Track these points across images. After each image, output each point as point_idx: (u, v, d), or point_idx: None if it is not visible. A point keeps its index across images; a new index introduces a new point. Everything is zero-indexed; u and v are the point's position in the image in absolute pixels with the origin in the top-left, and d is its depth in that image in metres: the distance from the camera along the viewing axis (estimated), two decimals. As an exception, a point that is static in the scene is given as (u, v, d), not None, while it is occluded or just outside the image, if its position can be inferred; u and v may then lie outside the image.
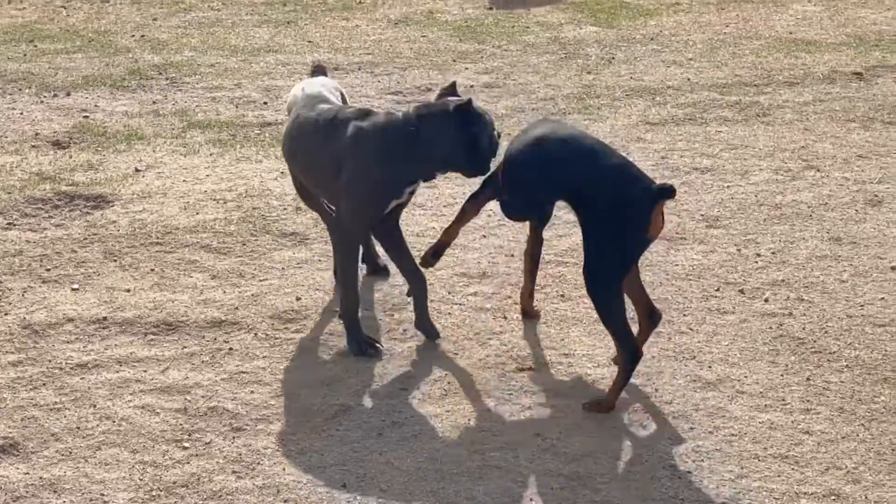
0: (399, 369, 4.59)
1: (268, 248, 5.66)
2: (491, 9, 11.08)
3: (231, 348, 4.74)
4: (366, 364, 4.62)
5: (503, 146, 4.77)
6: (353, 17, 10.70)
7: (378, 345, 4.68)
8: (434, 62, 9.16)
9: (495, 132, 4.71)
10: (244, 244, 5.70)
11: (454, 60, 9.23)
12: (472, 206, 4.77)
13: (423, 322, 4.80)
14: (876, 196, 6.34)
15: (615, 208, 4.24)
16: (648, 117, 7.69)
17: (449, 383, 4.49)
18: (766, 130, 7.49)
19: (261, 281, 5.31)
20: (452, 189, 6.46)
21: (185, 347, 4.74)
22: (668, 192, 4.27)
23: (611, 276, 4.27)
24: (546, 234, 5.72)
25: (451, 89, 4.78)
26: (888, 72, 8.82)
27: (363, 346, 4.65)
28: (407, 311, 5.03)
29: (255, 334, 4.84)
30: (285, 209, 6.12)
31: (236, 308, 5.05)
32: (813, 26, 10.37)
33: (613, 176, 4.30)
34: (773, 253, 5.67)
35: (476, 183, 4.87)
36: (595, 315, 5.01)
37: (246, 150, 7.08)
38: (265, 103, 8.05)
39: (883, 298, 5.17)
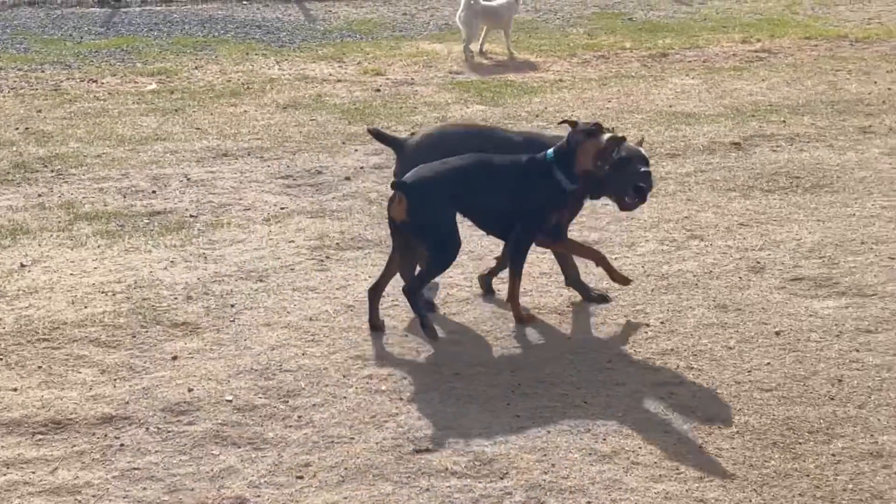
0: (295, 457, 4.54)
1: (158, 340, 5.58)
2: (378, 90, 11.21)
3: (122, 444, 4.64)
4: (261, 454, 4.56)
5: None
6: (242, 102, 10.72)
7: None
8: (323, 145, 9.22)
9: None
10: (134, 336, 5.61)
11: (343, 143, 9.30)
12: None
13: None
14: (758, 263, 6.53)
15: None
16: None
17: (346, 469, 4.45)
18: (650, 202, 7.65)
19: (151, 373, 5.22)
20: (345, 272, 6.47)
21: (74, 446, 4.63)
22: (397, 185, 5.53)
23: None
24: (439, 313, 5.77)
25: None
26: (765, 141, 9.13)
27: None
28: (301, 397, 4.99)
29: (147, 429, 4.75)
30: (175, 299, 6.06)
31: (127, 402, 4.96)
32: (692, 99, 10.71)
33: None
34: (661, 322, 5.79)
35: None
36: (491, 392, 5.07)
37: (135, 240, 7.00)
38: (153, 192, 7.98)
39: (769, 363, 5.30)
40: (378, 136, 6.26)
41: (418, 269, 5.77)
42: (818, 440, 4.61)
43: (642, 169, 5.71)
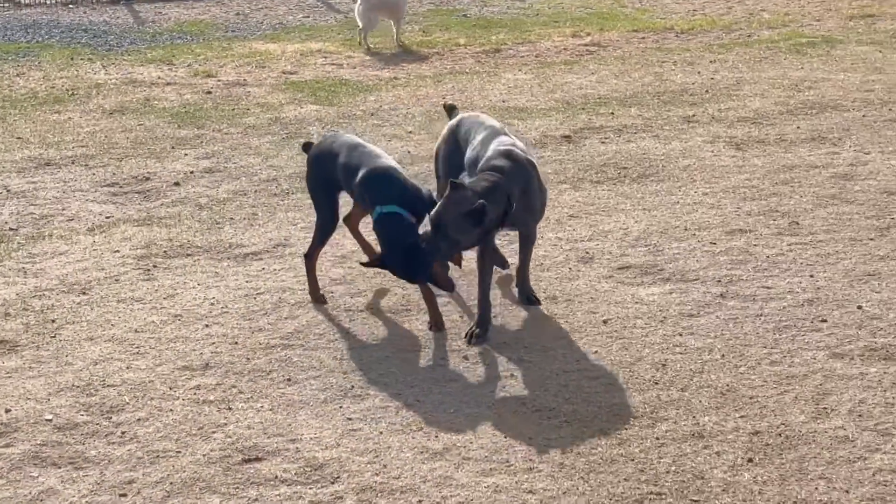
0: (118, 475, 4.40)
1: (-26, 360, 5.35)
2: (209, 93, 11.01)
3: (-65, 472, 4.43)
4: (83, 473, 4.41)
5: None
6: (66, 109, 10.39)
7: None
8: (152, 150, 9.00)
9: None
10: (-52, 358, 5.37)
11: (173, 147, 9.09)
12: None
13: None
14: (587, 253, 6.64)
15: None
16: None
17: (171, 483, 4.34)
18: (482, 197, 7.72)
19: (-34, 396, 5.00)
20: (172, 280, 6.32)
21: None
22: None
23: None
24: (266, 319, 5.70)
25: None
26: (594, 133, 9.31)
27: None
28: (125, 412, 4.85)
29: (-38, 454, 4.54)
30: (-7, 316, 5.82)
31: (-60, 428, 4.73)
32: (524, 93, 10.84)
33: None
34: (493, 316, 5.82)
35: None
36: (323, 396, 5.02)
37: (-51, 256, 6.70)
38: (-29, 205, 7.66)
39: (596, 352, 5.39)
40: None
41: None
42: (643, 424, 4.70)
43: None
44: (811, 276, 6.13)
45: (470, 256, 5.93)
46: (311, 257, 6.06)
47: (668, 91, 10.71)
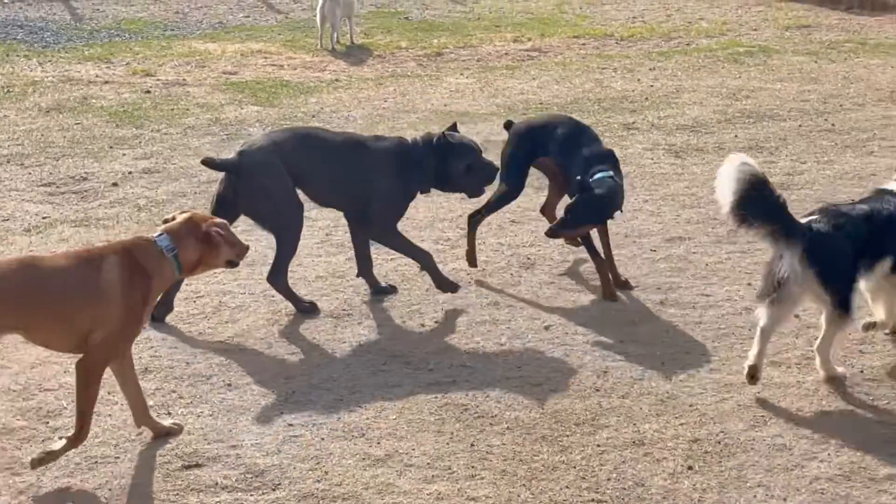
0: (56, 481, 4.33)
1: None
2: (148, 92, 10.89)
3: None
4: (19, 479, 4.33)
5: None
6: (1, 106, 10.21)
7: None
8: (89, 150, 8.88)
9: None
10: None
11: (111, 147, 8.98)
12: None
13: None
14: (528, 259, 6.67)
15: None
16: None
17: (110, 490, 4.28)
18: (424, 201, 7.71)
19: None
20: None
21: None
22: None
23: None
24: (207, 323, 5.66)
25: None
26: (535, 138, 9.34)
27: (452, 284, 6.06)
28: (63, 417, 4.78)
29: None
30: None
31: None
32: (466, 98, 10.87)
33: None
34: (436, 322, 5.83)
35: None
36: (264, 402, 4.98)
37: None
38: None
39: (538, 358, 5.41)
40: (212, 164, 6.01)
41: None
42: (584, 431, 4.73)
43: None
44: (749, 284, 6.21)
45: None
46: (476, 221, 6.49)
47: (609, 98, 10.80)
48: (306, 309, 5.89)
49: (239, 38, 13.85)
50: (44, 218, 7.30)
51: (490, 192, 6.47)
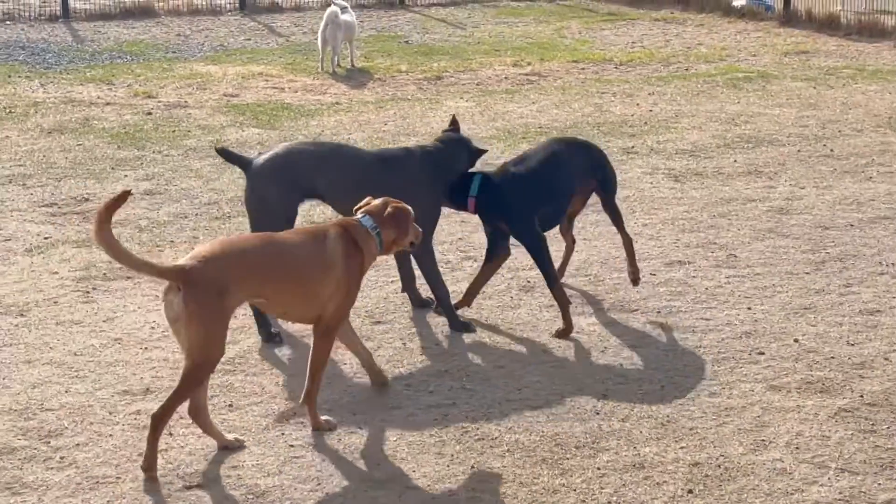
0: (57, 501, 4.33)
1: None
2: (150, 114, 10.93)
3: None
4: (20, 499, 4.33)
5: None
6: (3, 127, 10.25)
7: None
8: (91, 171, 8.91)
9: None
10: None
11: (112, 168, 9.02)
12: None
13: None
14: (528, 282, 6.69)
15: None
16: (313, 216, 7.79)
17: (112, 510, 4.29)
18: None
19: None
20: (112, 303, 6.26)
21: None
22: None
23: None
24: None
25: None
26: (535, 162, 9.38)
27: (467, 325, 5.99)
28: (64, 437, 4.78)
29: None
30: (-73, 338, 5.71)
31: None
32: (465, 121, 10.90)
33: None
34: (436, 344, 5.85)
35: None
36: (265, 423, 4.99)
37: None
38: None
39: (538, 381, 5.42)
40: (226, 155, 5.97)
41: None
42: (584, 454, 4.74)
43: None
44: (749, 308, 6.23)
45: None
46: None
47: (608, 122, 10.85)
48: (267, 336, 5.84)
49: (240, 61, 13.92)
50: (45, 238, 7.32)
51: None
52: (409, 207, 5.09)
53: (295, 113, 11.18)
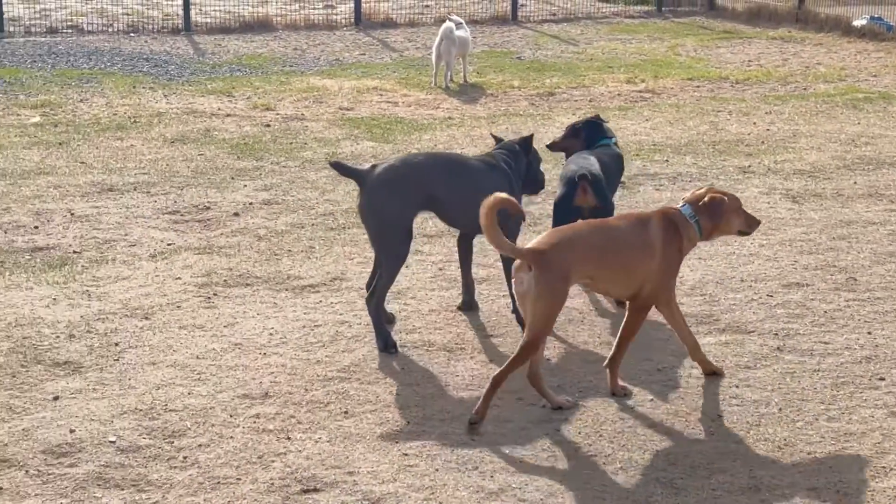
0: (180, 499, 4.46)
1: (39, 380, 5.45)
2: (268, 125, 11.17)
3: (1, 487, 4.51)
4: (145, 496, 4.47)
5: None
6: (128, 136, 10.57)
7: None
8: (212, 180, 9.14)
9: None
10: (14, 376, 5.47)
11: (232, 178, 9.23)
12: None
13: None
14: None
15: None
16: (426, 229, 7.86)
17: (232, 511, 4.40)
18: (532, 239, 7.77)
19: (32, 414, 5.10)
20: (232, 309, 6.41)
21: (-52, 490, 4.48)
22: (581, 176, 6.34)
23: None
24: (324, 351, 5.75)
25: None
26: (648, 179, 9.35)
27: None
28: (187, 437, 4.92)
29: (27, 471, 4.63)
30: (58, 337, 5.93)
31: (6, 444, 4.82)
32: (578, 138, 10.89)
33: None
34: (548, 360, 5.85)
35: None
36: (380, 430, 5.06)
37: (15, 276, 6.84)
38: (36, 227, 7.82)
39: (652, 400, 5.40)
40: (340, 168, 6.09)
41: None
42: (699, 475, 4.70)
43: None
44: (869, 332, 6.11)
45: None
46: None
47: (724, 140, 10.74)
48: (383, 346, 5.90)
49: (355, 75, 14.12)
50: (168, 245, 7.53)
51: None
52: (727, 197, 5.47)
53: (408, 127, 11.30)
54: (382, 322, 5.96)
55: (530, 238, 6.76)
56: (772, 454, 4.86)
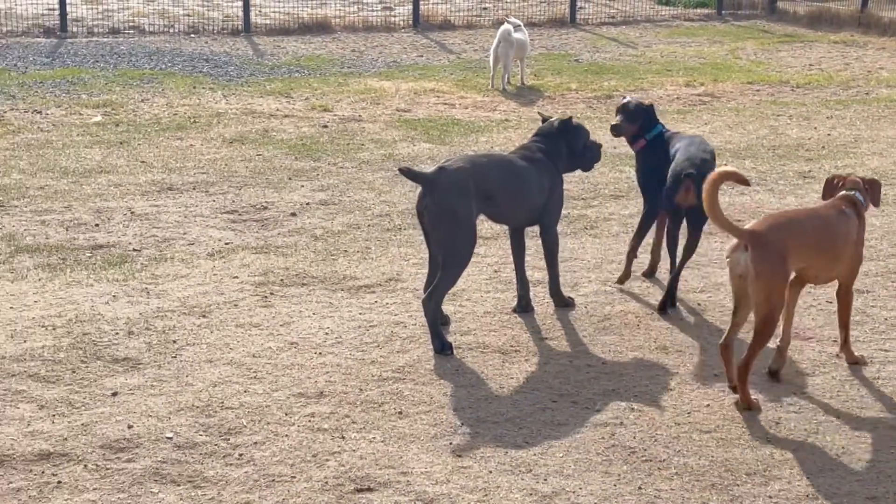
0: (235, 496, 4.50)
1: (98, 375, 5.53)
2: (326, 126, 11.24)
3: (60, 482, 4.58)
4: (201, 492, 4.52)
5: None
6: (188, 136, 10.69)
7: None
8: (269, 180, 9.21)
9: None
10: (74, 371, 5.55)
11: (290, 178, 9.30)
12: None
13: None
14: (699, 305, 6.60)
15: None
16: (481, 231, 7.86)
17: (286, 508, 4.43)
18: (593, 243, 7.76)
19: (91, 409, 5.17)
20: (288, 308, 6.46)
21: (10, 483, 4.56)
22: (686, 175, 6.38)
23: None
24: (379, 352, 5.78)
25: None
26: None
27: (567, 300, 6.56)
28: (243, 434, 4.96)
29: (86, 466, 4.69)
30: (117, 334, 6.01)
31: (65, 439, 4.89)
32: (636, 141, 10.83)
33: None
34: (603, 363, 5.83)
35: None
36: (433, 431, 5.06)
37: (76, 273, 6.94)
38: (96, 225, 7.93)
39: (708, 405, 5.35)
40: (409, 174, 6.06)
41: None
42: (756, 482, 4.66)
43: None
44: (930, 341, 6.02)
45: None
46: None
47: (784, 145, 10.62)
48: (439, 347, 5.90)
49: (412, 77, 14.16)
50: (226, 244, 7.60)
51: None
52: (878, 181, 5.78)
53: (465, 129, 11.31)
54: (438, 323, 5.97)
55: (584, 241, 6.74)
56: (830, 462, 4.80)
